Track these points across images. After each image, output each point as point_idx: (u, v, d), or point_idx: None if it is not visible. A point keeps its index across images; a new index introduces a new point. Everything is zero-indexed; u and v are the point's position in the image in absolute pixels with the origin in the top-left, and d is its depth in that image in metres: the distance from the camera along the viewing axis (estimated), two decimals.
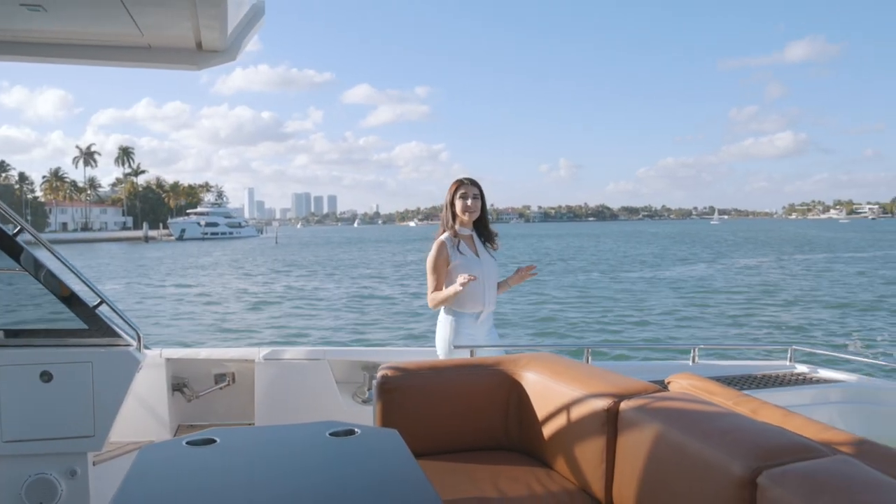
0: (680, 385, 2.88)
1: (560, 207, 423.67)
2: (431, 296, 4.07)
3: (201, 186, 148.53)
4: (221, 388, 4.51)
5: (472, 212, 4.09)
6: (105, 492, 3.50)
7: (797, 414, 2.40)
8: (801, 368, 4.48)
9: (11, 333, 3.48)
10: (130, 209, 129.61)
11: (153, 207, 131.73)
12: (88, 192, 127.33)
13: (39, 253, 3.46)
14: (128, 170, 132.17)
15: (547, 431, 2.92)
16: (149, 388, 4.28)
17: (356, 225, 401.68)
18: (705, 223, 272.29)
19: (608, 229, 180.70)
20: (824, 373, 4.36)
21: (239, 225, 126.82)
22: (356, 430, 2.21)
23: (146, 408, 4.29)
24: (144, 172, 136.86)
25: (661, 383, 2.94)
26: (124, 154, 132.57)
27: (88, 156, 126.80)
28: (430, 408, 3.09)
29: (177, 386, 4.46)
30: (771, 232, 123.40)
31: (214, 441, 2.11)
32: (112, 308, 3.62)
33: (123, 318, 3.70)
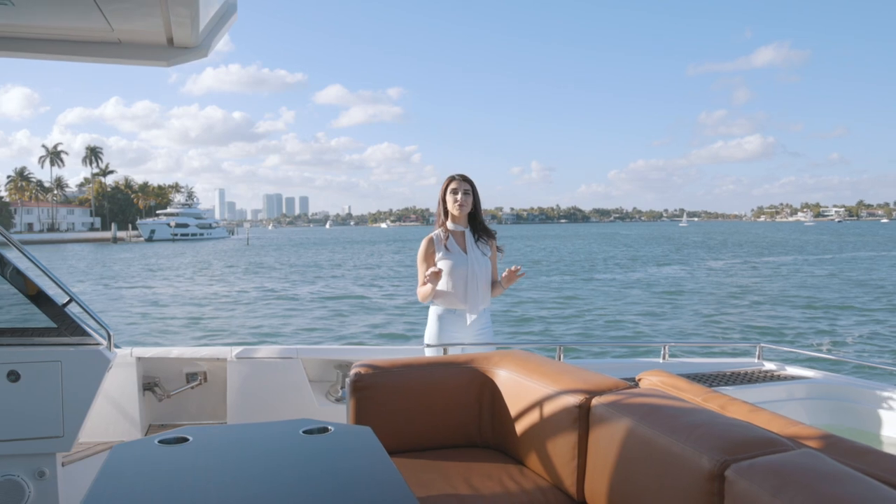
0: (650, 382, 2.92)
1: (532, 209, 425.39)
2: (419, 290, 4.14)
3: (171, 187, 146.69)
4: (193, 388, 4.47)
5: (464, 207, 4.11)
6: (74, 493, 3.45)
7: (764, 409, 2.44)
8: (769, 366, 4.55)
9: None
10: (98, 210, 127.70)
11: (122, 208, 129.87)
12: (55, 193, 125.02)
13: (6, 251, 3.40)
14: (96, 170, 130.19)
15: (519, 428, 2.93)
16: (119, 388, 4.22)
17: (328, 226, 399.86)
18: (674, 225, 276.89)
19: (580, 231, 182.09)
20: (791, 370, 4.44)
21: (209, 226, 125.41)
22: (330, 428, 2.21)
23: (116, 407, 4.24)
24: (113, 172, 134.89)
25: (632, 380, 2.97)
26: (92, 154, 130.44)
27: (55, 155, 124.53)
28: (404, 405, 3.09)
29: (148, 385, 4.41)
30: (739, 234, 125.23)
31: (187, 440, 2.09)
32: (82, 306, 3.56)
33: (93, 317, 3.65)
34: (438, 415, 3.14)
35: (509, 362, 3.16)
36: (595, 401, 2.57)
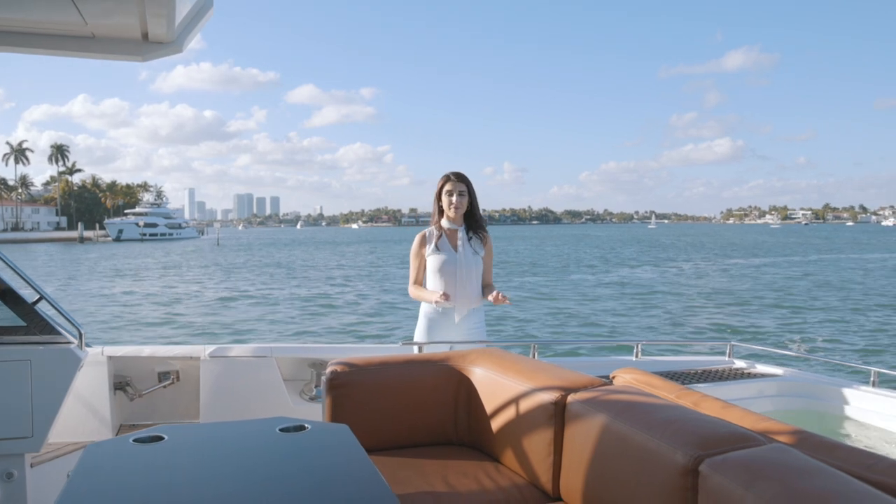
0: (624, 379, 2.95)
1: (504, 210, 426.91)
2: (411, 287, 4.20)
3: (140, 186, 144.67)
4: (165, 387, 4.42)
5: (459, 208, 4.12)
6: (43, 494, 3.40)
7: (736, 406, 2.48)
8: (740, 364, 4.62)
9: None
10: (65, 209, 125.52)
11: (89, 207, 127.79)
12: (20, 191, 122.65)
13: None
14: (62, 168, 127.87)
15: (495, 426, 2.94)
16: (90, 387, 4.16)
17: (299, 227, 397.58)
18: (644, 227, 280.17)
19: (552, 232, 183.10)
20: (761, 368, 4.51)
21: (179, 226, 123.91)
22: (306, 426, 2.19)
23: (87, 407, 4.17)
24: (80, 171, 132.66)
25: (607, 378, 2.99)
26: (58, 151, 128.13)
27: (20, 153, 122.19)
28: (380, 403, 3.08)
29: (119, 385, 4.35)
30: (707, 236, 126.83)
31: (162, 438, 2.06)
32: (52, 304, 3.51)
33: (64, 315, 3.59)
34: (414, 413, 3.14)
35: (485, 360, 3.17)
36: (570, 398, 2.59)
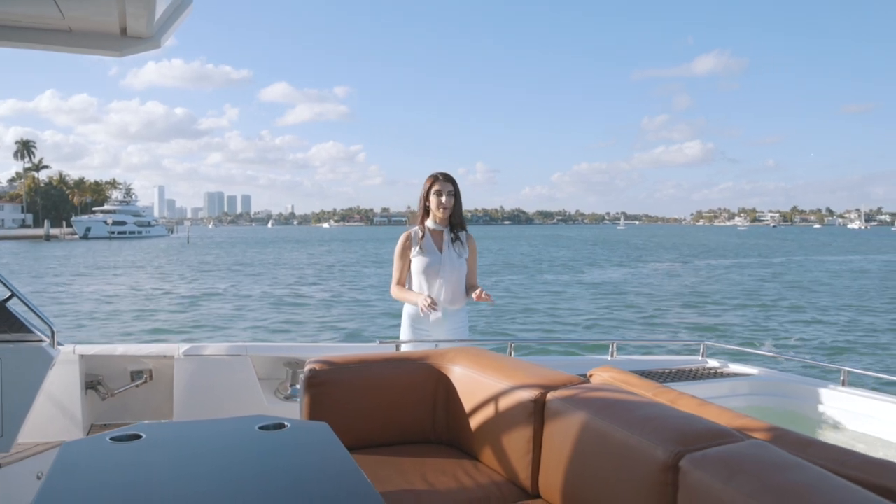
0: (602, 378, 2.98)
1: (477, 210, 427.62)
2: (393, 287, 4.18)
3: (108, 183, 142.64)
4: (138, 386, 4.37)
5: (447, 209, 4.11)
6: (13, 495, 3.35)
7: (712, 404, 2.53)
8: (713, 363, 4.68)
9: None
10: (31, 206, 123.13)
11: (55, 205, 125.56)
12: None
13: None
14: (28, 164, 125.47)
15: (474, 424, 2.95)
16: (61, 386, 4.10)
17: (270, 225, 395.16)
18: (613, 228, 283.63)
19: (524, 232, 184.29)
20: (734, 367, 4.57)
21: (148, 224, 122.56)
22: (286, 425, 2.19)
23: (57, 406, 4.11)
24: (47, 168, 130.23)
25: (584, 376, 3.02)
26: (24, 147, 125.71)
27: None
28: (358, 402, 3.08)
29: (91, 384, 4.29)
30: (677, 237, 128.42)
31: (140, 437, 2.04)
32: (24, 302, 3.46)
33: (36, 313, 3.54)
34: (393, 411, 3.14)
35: (463, 359, 3.18)
36: (550, 396, 2.61)
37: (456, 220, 4.21)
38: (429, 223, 4.17)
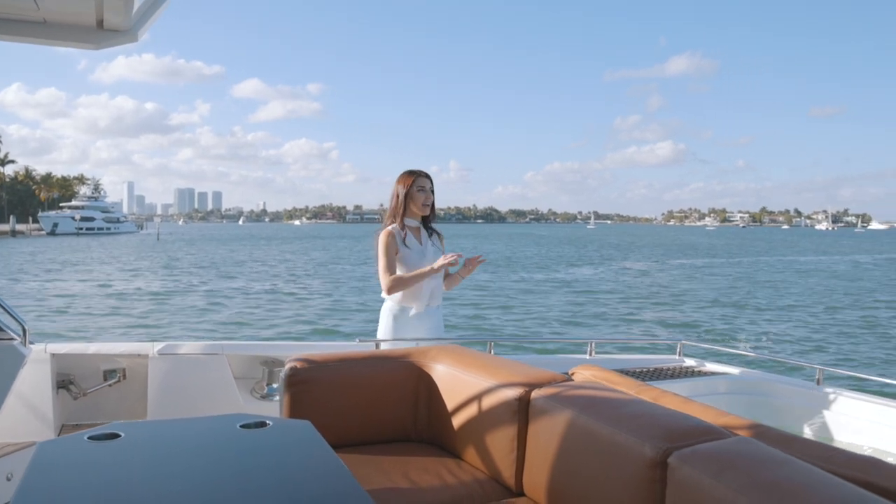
0: (584, 376, 2.98)
1: (450, 209, 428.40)
2: (392, 279, 3.97)
3: (76, 179, 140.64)
4: (111, 385, 4.29)
5: (428, 205, 4.09)
6: None
7: (695, 401, 2.54)
8: (690, 362, 4.71)
9: None
10: None
11: (21, 200, 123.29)
12: None
13: None
14: None
15: (456, 422, 2.94)
16: (31, 386, 4.02)
17: (241, 222, 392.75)
18: (583, 227, 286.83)
19: (497, 231, 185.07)
20: (711, 366, 4.60)
21: (117, 220, 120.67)
22: (268, 423, 2.15)
23: (27, 406, 4.03)
24: (12, 162, 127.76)
25: (566, 375, 3.01)
26: None
27: None
28: (339, 400, 3.05)
29: (62, 383, 4.21)
30: (648, 237, 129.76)
31: (118, 436, 1.99)
32: None
33: (7, 310, 3.46)
34: (374, 410, 3.11)
35: (446, 357, 3.16)
36: (534, 394, 2.60)
37: (432, 217, 4.20)
38: (407, 220, 4.13)
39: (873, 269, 44.18)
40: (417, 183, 4.07)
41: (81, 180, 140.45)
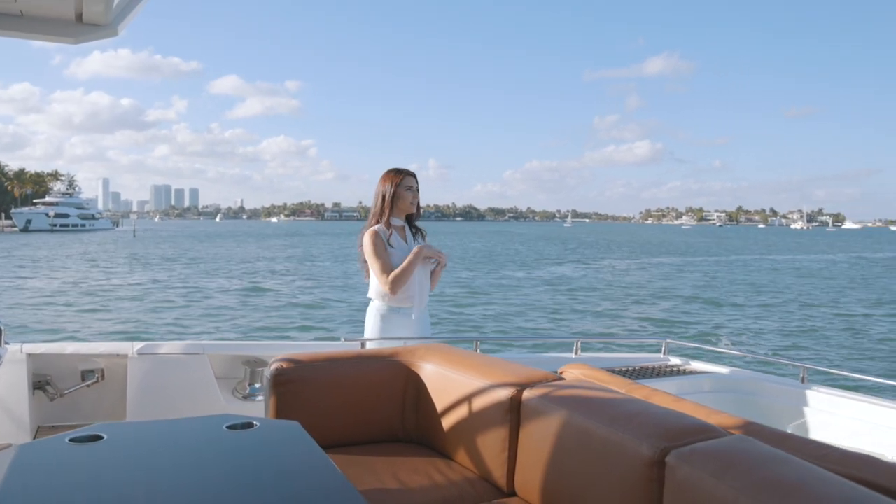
0: (573, 375, 2.96)
1: (428, 206, 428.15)
2: (389, 278, 3.88)
3: (50, 175, 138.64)
4: (89, 386, 4.20)
5: (415, 204, 4.06)
6: None
7: (686, 400, 2.52)
8: (675, 360, 4.70)
9: None
10: None
11: None
12: None
13: None
14: None
15: (446, 422, 2.91)
16: (7, 387, 3.93)
17: (218, 219, 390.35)
18: (560, 225, 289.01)
19: (476, 229, 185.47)
20: (695, 364, 4.60)
21: (92, 217, 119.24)
22: (255, 424, 2.10)
23: (3, 408, 3.94)
24: None
25: (556, 374, 2.99)
26: None
27: None
28: (326, 400, 3.01)
29: (39, 384, 4.11)
30: (626, 235, 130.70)
31: (100, 437, 1.93)
32: None
33: None
34: (361, 410, 3.07)
35: (434, 356, 3.13)
36: (526, 393, 2.57)
37: (417, 215, 4.17)
38: (392, 220, 4.07)
39: (849, 269, 44.73)
40: (405, 182, 4.02)
41: (56, 176, 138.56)
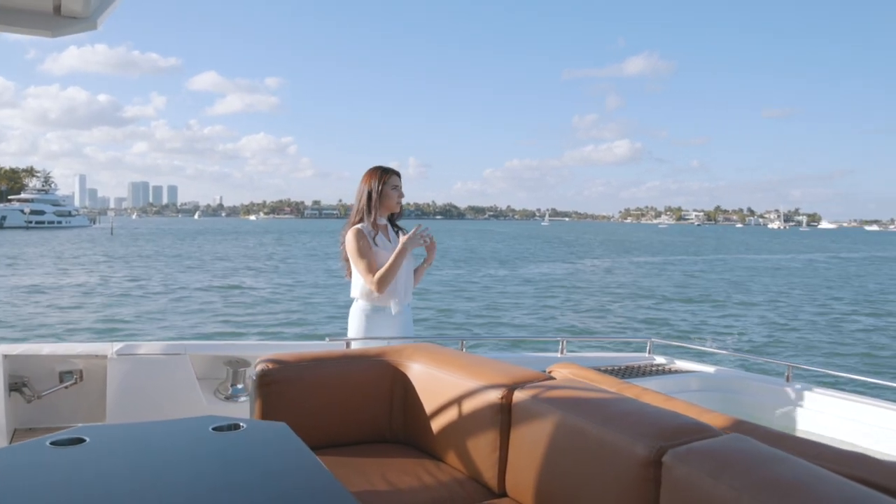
0: (563, 374, 2.94)
1: (408, 205, 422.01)
2: (375, 277, 3.86)
3: (25, 171, 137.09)
4: (67, 387, 4.11)
5: (400, 202, 4.04)
6: None
7: (677, 399, 2.51)
8: (660, 360, 4.71)
9: None
10: None
11: None
12: None
13: None
14: None
15: (434, 422, 2.88)
16: None
17: (197, 217, 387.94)
18: (538, 224, 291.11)
19: (457, 227, 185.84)
20: (681, 363, 4.61)
21: (69, 214, 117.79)
22: (241, 425, 2.07)
23: None
24: None
25: (545, 373, 2.97)
26: None
27: None
28: (312, 401, 2.97)
29: (14, 386, 4.02)
30: (605, 234, 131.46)
31: (83, 440, 1.88)
32: None
33: None
34: (348, 410, 3.04)
35: (422, 356, 3.10)
36: (517, 392, 2.55)
37: (401, 214, 4.16)
38: (378, 219, 4.03)
39: (827, 269, 45.25)
40: (392, 181, 4.01)
41: (31, 173, 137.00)
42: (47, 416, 4.12)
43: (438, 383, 2.90)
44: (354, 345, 3.90)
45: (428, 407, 2.93)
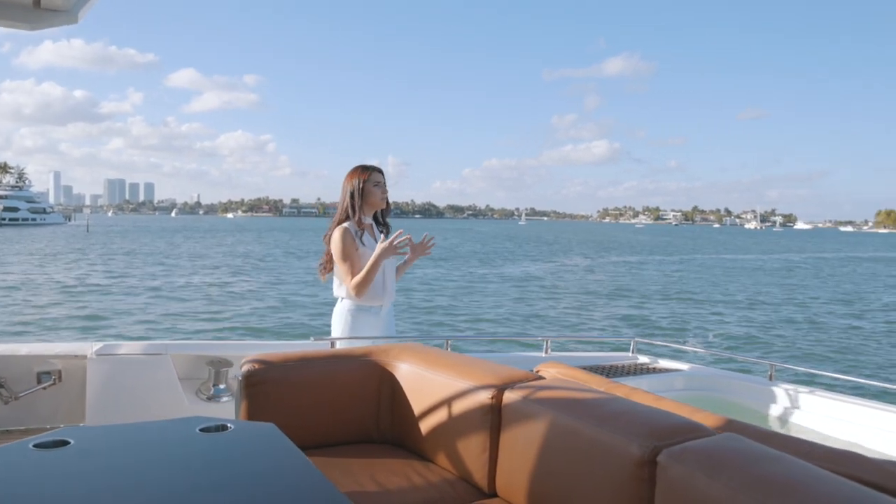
0: (551, 374, 2.92)
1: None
2: (354, 281, 3.83)
3: None
4: (45, 388, 4.05)
5: (384, 199, 4.01)
6: None
7: (666, 398, 2.51)
8: (643, 359, 4.73)
9: None
10: None
11: None
12: None
13: None
14: None
15: (423, 422, 2.86)
16: None
17: (174, 214, 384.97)
18: (515, 223, 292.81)
19: (436, 226, 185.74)
20: (664, 363, 4.63)
21: (43, 211, 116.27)
22: (229, 426, 2.03)
23: None
24: None
25: (533, 372, 2.96)
26: None
27: None
28: (299, 401, 2.94)
29: None
30: (584, 233, 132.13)
31: (67, 443, 1.84)
32: None
33: None
34: (335, 410, 3.01)
35: (409, 355, 3.08)
36: (507, 392, 2.54)
37: (387, 212, 4.13)
38: (363, 217, 4.01)
39: (806, 268, 45.77)
40: (373, 178, 3.98)
41: (4, 169, 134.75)
42: (25, 418, 4.05)
43: (427, 383, 2.88)
44: (339, 344, 3.87)
45: (416, 407, 2.90)
